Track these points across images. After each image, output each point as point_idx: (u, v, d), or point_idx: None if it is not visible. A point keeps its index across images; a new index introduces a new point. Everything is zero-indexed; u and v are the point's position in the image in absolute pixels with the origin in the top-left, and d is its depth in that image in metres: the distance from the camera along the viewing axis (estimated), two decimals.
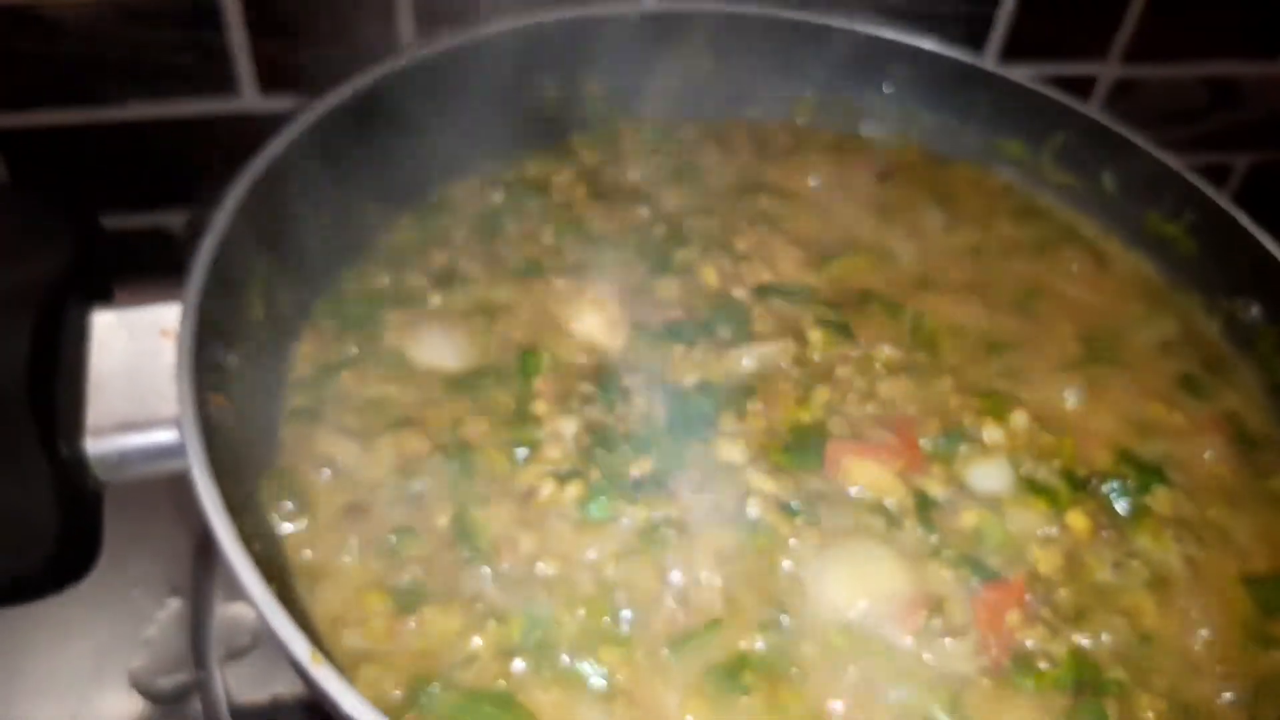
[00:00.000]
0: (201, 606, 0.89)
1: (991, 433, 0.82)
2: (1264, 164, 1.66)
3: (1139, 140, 0.99)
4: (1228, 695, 0.72)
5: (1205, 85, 1.52)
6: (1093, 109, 1.02)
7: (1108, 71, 1.46)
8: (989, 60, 1.35)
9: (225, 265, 0.72)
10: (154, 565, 0.92)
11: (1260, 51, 1.49)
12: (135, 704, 0.86)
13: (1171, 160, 0.97)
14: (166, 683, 0.87)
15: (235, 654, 0.87)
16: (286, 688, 0.85)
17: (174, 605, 0.91)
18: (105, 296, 0.72)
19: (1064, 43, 1.41)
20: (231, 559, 0.57)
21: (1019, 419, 0.83)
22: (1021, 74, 1.08)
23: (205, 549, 0.91)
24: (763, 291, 0.91)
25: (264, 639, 0.88)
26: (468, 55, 0.94)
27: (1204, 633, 0.74)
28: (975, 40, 1.36)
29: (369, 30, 1.16)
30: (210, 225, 0.73)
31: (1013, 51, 1.38)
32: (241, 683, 0.86)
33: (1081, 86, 1.47)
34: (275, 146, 0.79)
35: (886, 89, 1.08)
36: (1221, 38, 1.46)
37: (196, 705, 0.86)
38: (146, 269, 0.79)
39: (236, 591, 0.84)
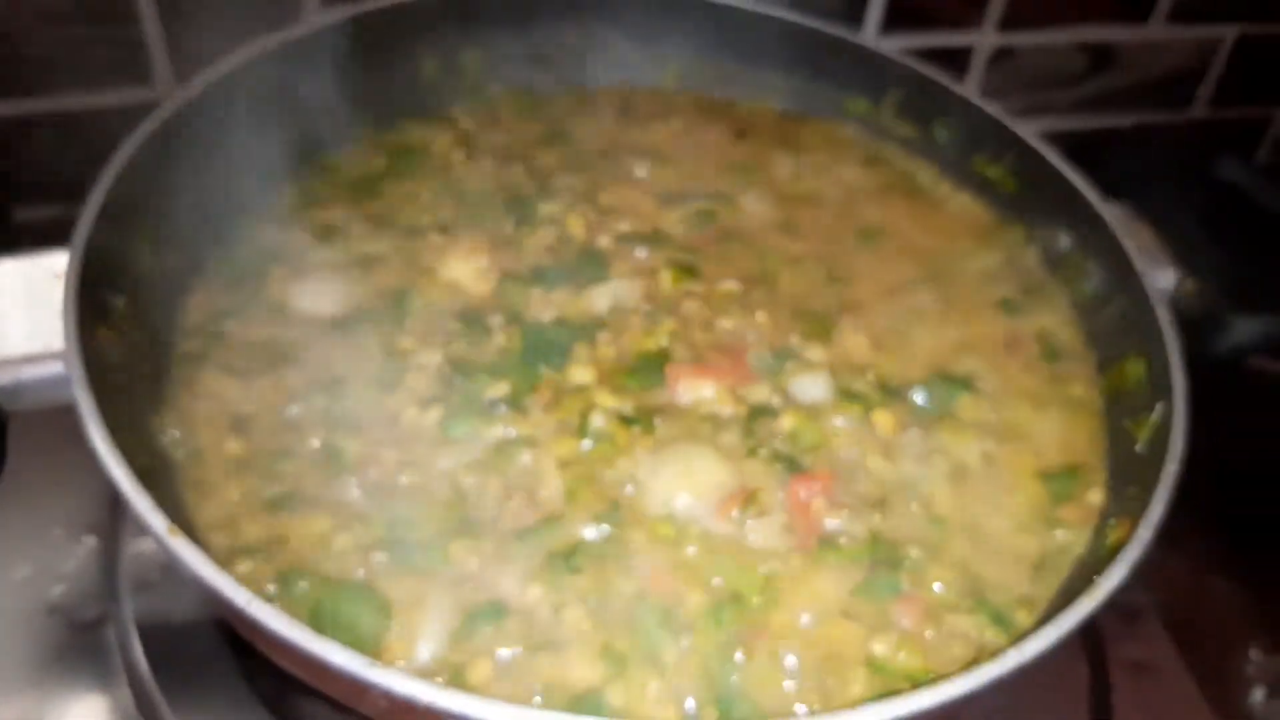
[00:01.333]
0: (115, 544, 0.97)
1: (814, 352, 0.91)
2: (1146, 125, 1.74)
3: (964, 93, 1.08)
4: (1013, 571, 0.81)
5: (1081, 50, 1.60)
6: (923, 66, 1.11)
7: (985, 40, 1.54)
8: (868, 33, 1.43)
9: (112, 218, 0.80)
10: (73, 507, 1.00)
11: (1133, 16, 1.57)
12: (54, 633, 0.94)
13: (991, 109, 1.06)
14: (84, 613, 0.95)
15: (144, 587, 0.95)
16: (189, 613, 0.93)
17: (90, 542, 0.99)
18: (8, 250, 0.80)
19: (941, 14, 1.49)
20: (100, 452, 0.66)
21: (842, 339, 0.92)
22: (897, 45, 1.17)
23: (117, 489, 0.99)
24: (623, 239, 1.00)
25: (170, 571, 0.96)
26: (347, 30, 1.02)
27: (995, 517, 0.83)
28: (854, 14, 1.44)
29: (275, 13, 1.23)
30: (96, 184, 0.81)
31: (892, 24, 1.46)
32: (150, 611, 0.94)
33: (960, 56, 1.55)
34: (159, 115, 0.87)
35: (745, 55, 1.16)
36: (1093, 3, 1.54)
37: (110, 633, 0.94)
38: None
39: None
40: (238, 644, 0.91)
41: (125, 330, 0.80)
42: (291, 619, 0.60)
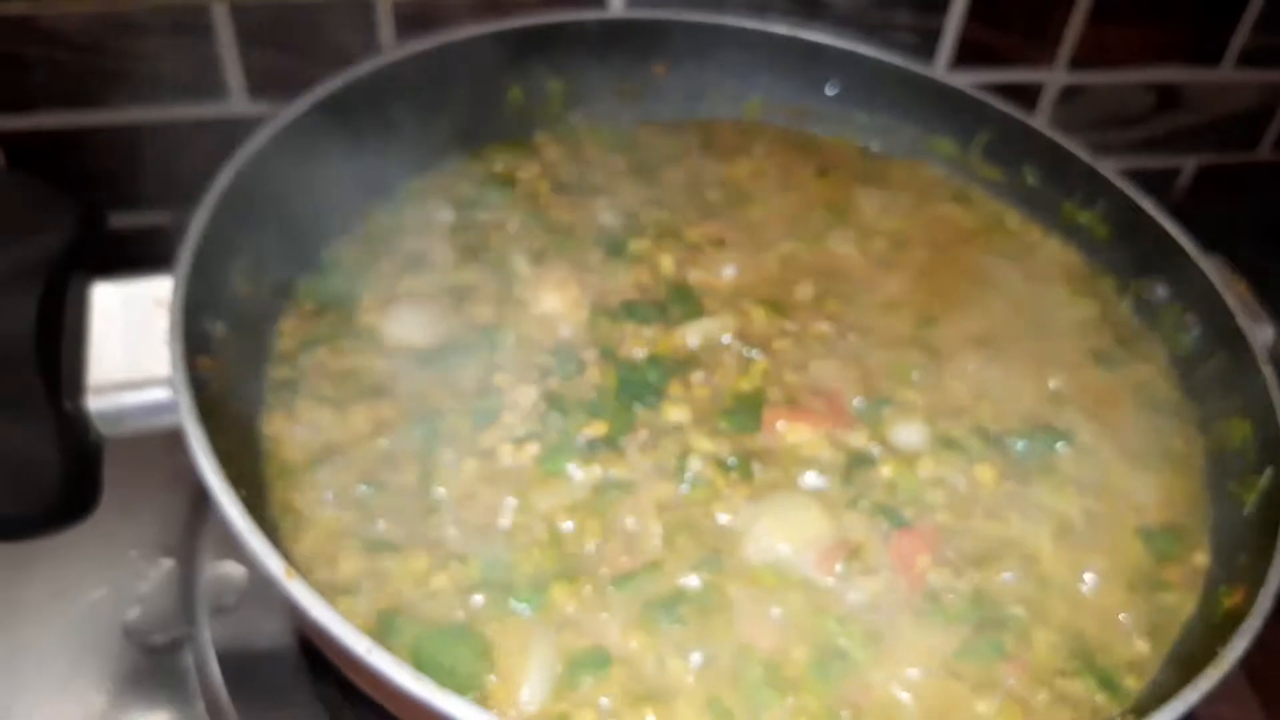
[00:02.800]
0: (192, 566, 0.96)
1: (912, 397, 0.89)
2: (1210, 167, 1.72)
3: (1056, 136, 1.07)
4: (1119, 633, 0.79)
5: (1150, 90, 1.59)
6: (1014, 108, 1.10)
7: (1054, 78, 1.53)
8: (938, 69, 1.43)
9: (210, 245, 0.79)
10: (149, 528, 0.99)
11: (1204, 58, 1.56)
12: (130, 656, 0.93)
13: (1087, 154, 1.05)
14: (159, 637, 0.94)
15: (223, 610, 0.94)
16: (269, 639, 0.92)
17: (167, 565, 0.98)
18: (105, 271, 0.79)
19: (1011, 51, 1.48)
20: (214, 492, 0.65)
21: (939, 385, 0.91)
22: (968, 81, 1.16)
23: (196, 513, 0.98)
24: (711, 275, 0.99)
25: (249, 595, 0.95)
26: (437, 58, 1.02)
27: (1097, 576, 0.82)
28: (926, 50, 1.43)
29: (351, 37, 1.23)
30: (197, 209, 0.80)
31: (962, 60, 1.45)
32: (228, 635, 0.93)
33: (1029, 93, 1.54)
34: (256, 141, 0.87)
35: (829, 91, 1.15)
36: (1164, 45, 1.53)
37: (188, 657, 0.93)
38: (137, 266, 0.86)
39: (226, 550, 0.93)
40: (317, 670, 0.90)
41: (223, 357, 0.80)
42: (414, 670, 0.59)
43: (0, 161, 1.24)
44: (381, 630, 0.72)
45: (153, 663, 0.93)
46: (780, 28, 1.13)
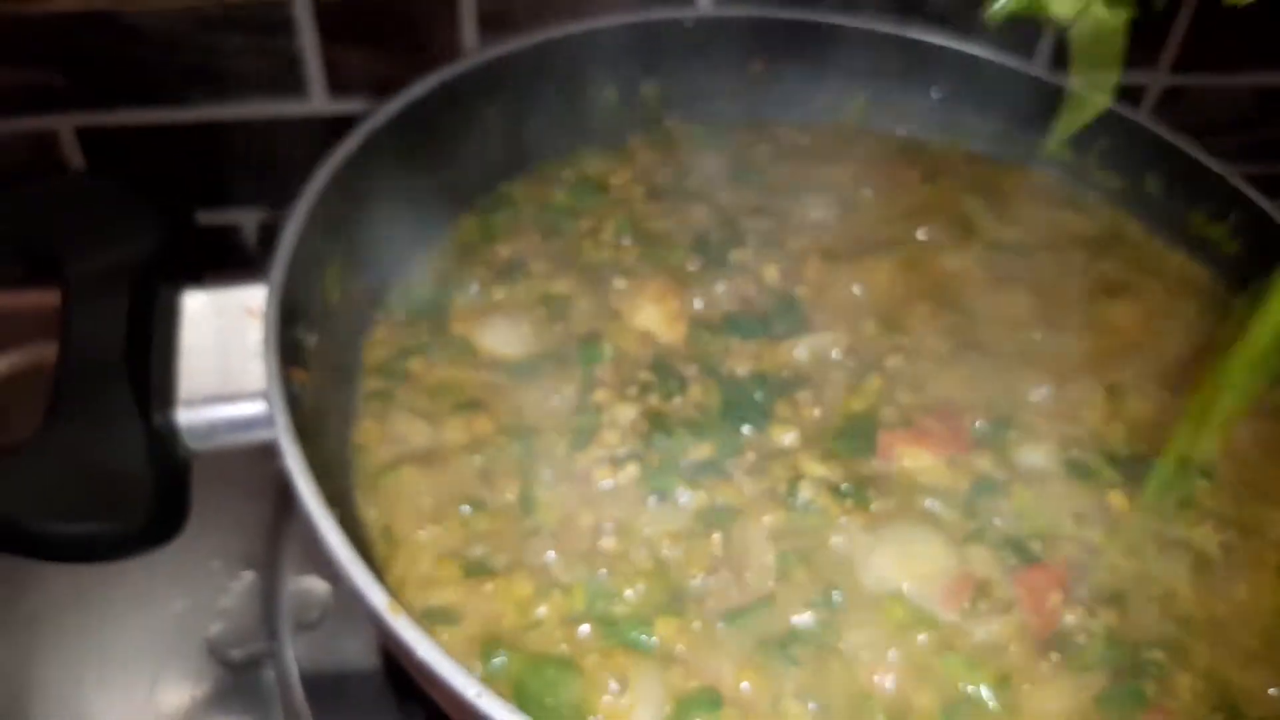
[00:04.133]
0: (275, 579, 0.93)
1: (1036, 419, 0.84)
2: None
3: (1182, 144, 1.01)
4: (1267, 680, 0.73)
5: (1254, 95, 1.52)
6: (1137, 114, 1.04)
7: (1157, 80, 1.47)
8: (1038, 67, 1.36)
9: (304, 252, 0.76)
10: (230, 540, 0.96)
11: None
12: (212, 671, 0.90)
13: (1215, 164, 0.99)
14: (240, 652, 0.91)
15: (306, 626, 0.91)
16: (355, 658, 0.89)
17: (248, 578, 0.95)
18: (195, 279, 0.76)
19: None
20: (314, 518, 0.61)
21: (1066, 409, 0.85)
22: (1066, 82, 1.10)
23: (280, 524, 0.95)
24: (815, 287, 0.94)
25: (332, 612, 0.92)
26: (528, 59, 0.98)
27: (1241, 618, 0.76)
28: (1024, 48, 1.37)
29: (434, 35, 1.20)
30: (290, 214, 0.77)
31: (1062, 59, 1.39)
32: (312, 653, 0.90)
33: (1131, 95, 1.48)
34: (350, 143, 0.83)
35: (935, 93, 1.10)
36: (1270, 48, 1.47)
37: (269, 674, 0.90)
38: (218, 265, 0.83)
39: (308, 563, 0.90)
40: (403, 690, 0.87)
41: (315, 369, 0.76)
42: (521, 713, 0.55)
43: (79, 161, 1.23)
44: (483, 663, 0.68)
45: (234, 679, 0.91)
46: (884, 25, 1.08)
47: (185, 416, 0.70)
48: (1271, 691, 0.73)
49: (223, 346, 0.73)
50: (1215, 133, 1.54)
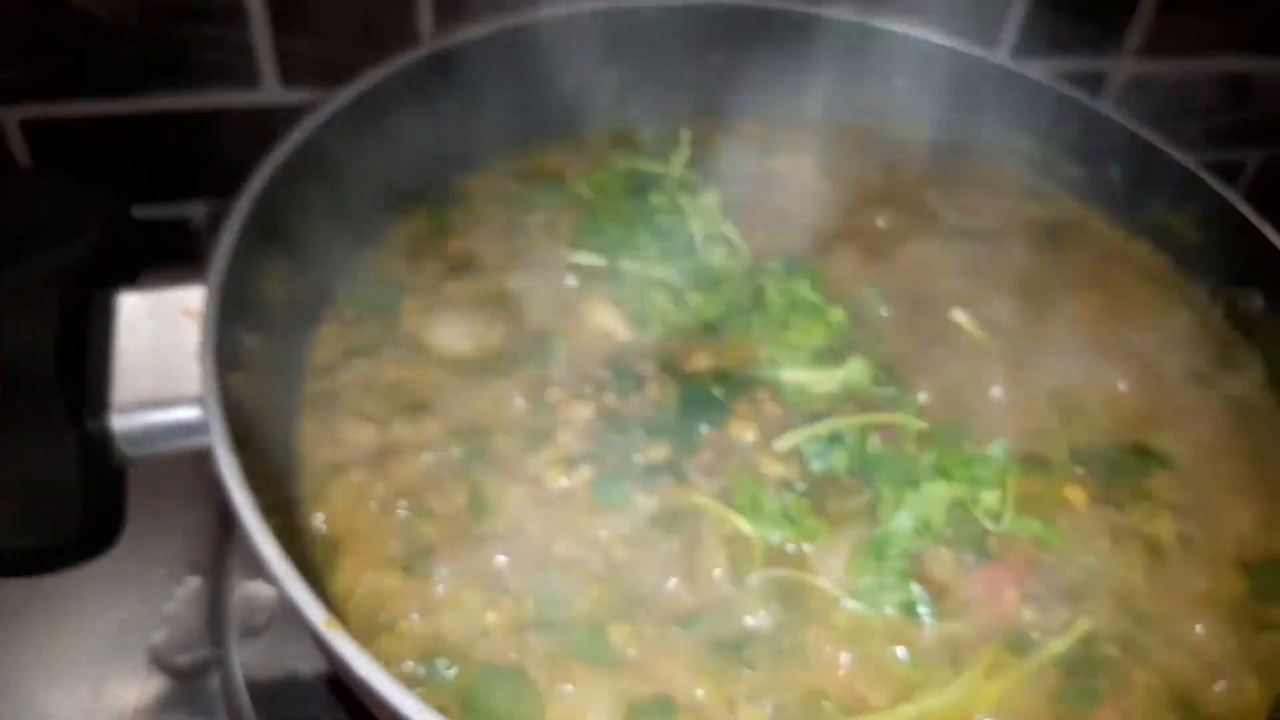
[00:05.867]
0: (220, 584, 0.91)
1: (993, 412, 0.83)
2: (1277, 160, 1.65)
3: (1144, 133, 0.99)
4: (1221, 675, 0.73)
5: (1217, 82, 1.52)
6: (1102, 104, 1.03)
7: (1120, 68, 1.47)
8: (1002, 56, 1.35)
9: (245, 250, 0.73)
10: (175, 545, 0.94)
11: (1273, 48, 1.49)
12: (155, 680, 0.88)
13: (1176, 153, 0.98)
14: (185, 659, 0.89)
15: (252, 632, 0.89)
16: (302, 664, 0.87)
17: (193, 583, 0.93)
18: (131, 279, 0.74)
19: (1076, 39, 1.42)
20: (250, 529, 0.59)
21: (1021, 400, 0.84)
22: (1034, 70, 1.09)
23: (225, 529, 0.93)
24: (774, 276, 0.92)
25: (280, 617, 0.89)
26: (481, 49, 0.95)
27: (1198, 614, 0.75)
28: (988, 37, 1.37)
29: (388, 24, 1.18)
30: (232, 211, 0.74)
31: (1025, 49, 1.39)
32: (258, 659, 0.88)
33: (1094, 82, 1.47)
34: (295, 136, 0.81)
35: (897, 83, 1.09)
36: (1234, 35, 1.46)
37: (215, 681, 0.88)
38: (168, 258, 0.81)
39: (254, 569, 0.87)
40: (351, 696, 0.85)
41: (255, 372, 0.74)
42: None
43: (25, 155, 1.19)
44: (426, 671, 0.67)
45: (179, 686, 0.88)
46: (846, 14, 1.06)
47: (120, 423, 0.68)
48: (1221, 684, 0.72)
49: (159, 349, 0.71)
50: (1179, 119, 1.53)
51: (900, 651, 0.71)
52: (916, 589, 0.72)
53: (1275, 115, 1.58)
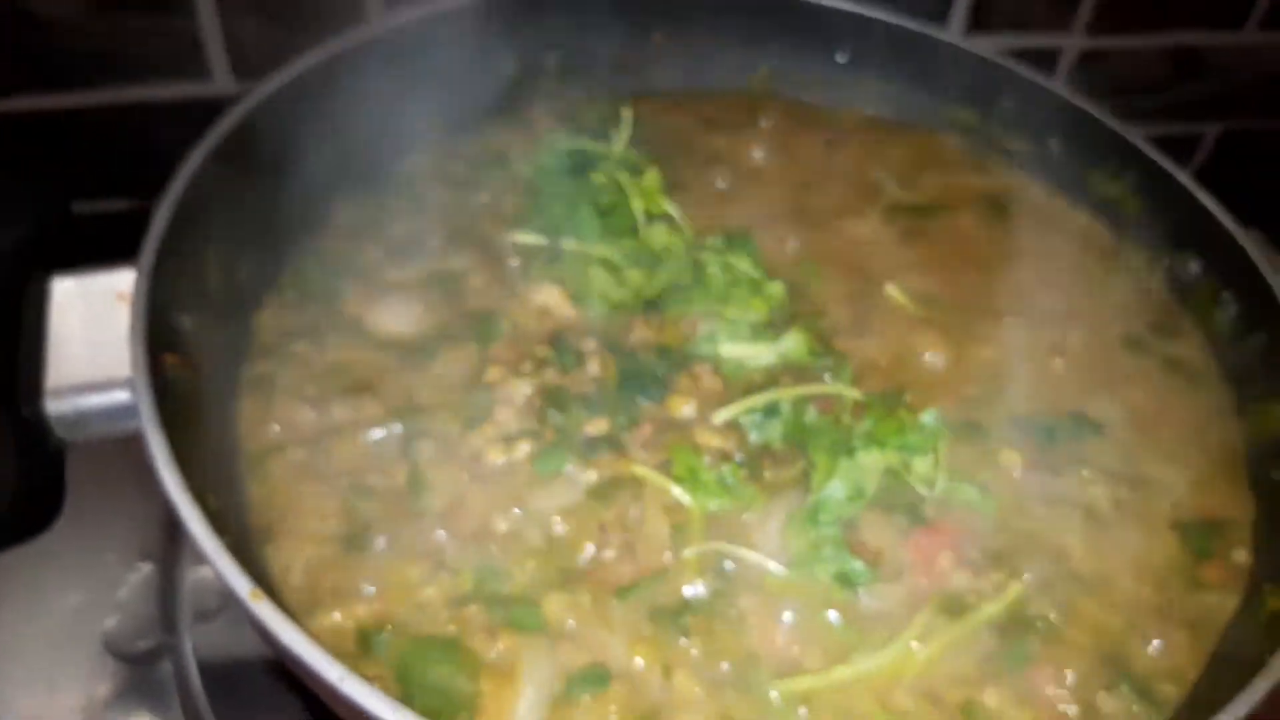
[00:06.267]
0: (171, 571, 0.91)
1: (930, 379, 0.84)
2: (1233, 133, 1.66)
3: (1082, 104, 1.00)
4: (1153, 635, 0.74)
5: (1170, 56, 1.53)
6: (1040, 76, 1.03)
7: (1072, 43, 1.47)
8: (954, 33, 1.36)
9: (180, 235, 0.74)
10: (127, 532, 0.94)
11: (1226, 22, 1.50)
12: (109, 665, 0.88)
13: (1114, 123, 0.99)
14: (138, 645, 0.90)
15: (203, 617, 0.89)
16: (252, 647, 0.87)
17: (145, 570, 0.93)
18: (67, 265, 0.74)
19: (1028, 15, 1.42)
20: (176, 505, 0.60)
21: (962, 369, 0.85)
22: (983, 47, 1.10)
23: (176, 516, 0.93)
24: (714, 251, 0.93)
25: (231, 601, 0.89)
26: (424, 30, 0.96)
27: (1131, 575, 0.76)
28: (939, 14, 1.37)
29: (338, 8, 1.17)
30: (165, 196, 0.75)
31: (978, 25, 1.39)
32: (209, 644, 0.88)
33: (1047, 58, 1.48)
34: (228, 122, 0.81)
35: (840, 59, 1.09)
36: (1185, 9, 1.47)
37: (167, 666, 0.88)
38: (124, 254, 0.81)
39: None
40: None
41: (192, 354, 0.74)
42: (390, 700, 0.54)
43: None
44: (364, 647, 0.67)
45: (132, 672, 0.89)
46: None
47: (54, 406, 0.69)
48: (1154, 645, 0.73)
49: (93, 333, 0.71)
50: (1135, 94, 1.55)
51: (834, 616, 0.72)
52: (850, 555, 0.73)
53: (1230, 88, 1.59)
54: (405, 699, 0.60)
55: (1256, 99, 1.62)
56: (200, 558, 0.90)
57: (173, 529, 0.93)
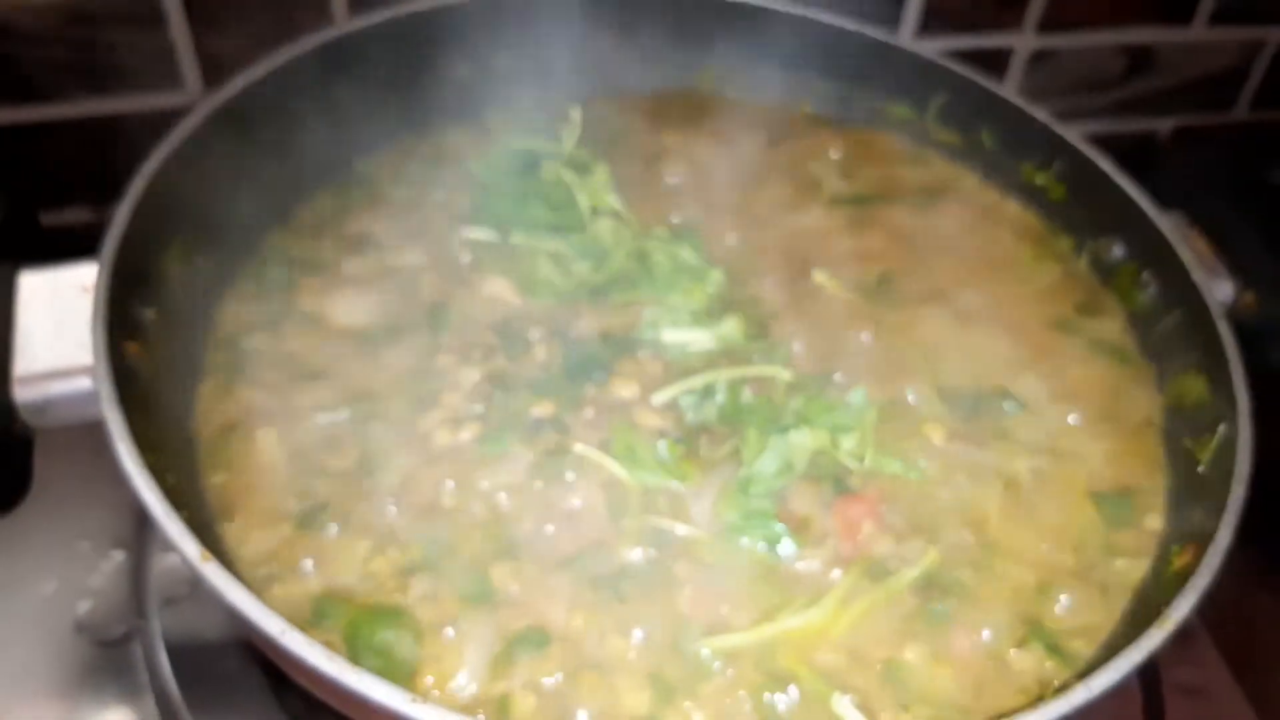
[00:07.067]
0: (142, 557, 0.95)
1: (861, 359, 0.88)
2: (1187, 128, 1.70)
3: (1011, 98, 1.05)
4: (1066, 596, 0.78)
5: (1122, 53, 1.57)
6: (969, 70, 1.08)
7: (1024, 43, 1.51)
8: (904, 36, 1.41)
9: (140, 229, 0.78)
10: (100, 520, 0.98)
11: (1174, 18, 1.54)
12: (81, 650, 0.92)
13: (1040, 114, 1.03)
14: (111, 629, 0.93)
15: (172, 601, 0.93)
16: (217, 630, 0.91)
17: (118, 557, 0.97)
18: (42, 262, 0.78)
19: (979, 16, 1.46)
20: (131, 478, 0.64)
21: (889, 348, 0.90)
22: (935, 48, 1.14)
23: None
24: (659, 240, 0.97)
25: (199, 587, 0.93)
26: (378, 35, 1.00)
27: (1049, 541, 0.80)
28: (891, 17, 1.41)
29: (305, 17, 1.21)
30: (126, 192, 0.79)
31: (928, 26, 1.43)
32: (177, 627, 0.92)
33: (999, 59, 1.52)
34: (185, 126, 0.85)
35: (782, 59, 1.14)
36: (1135, 5, 1.51)
37: (137, 649, 0.92)
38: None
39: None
40: (267, 662, 0.89)
41: (154, 344, 0.78)
42: (328, 651, 0.58)
43: None
44: (316, 616, 0.71)
45: (104, 657, 0.92)
46: None
47: (21, 394, 0.72)
48: (1064, 604, 0.77)
49: (58, 324, 0.75)
50: (1087, 91, 1.58)
51: (762, 580, 0.75)
52: (778, 524, 0.77)
53: (1182, 84, 1.63)
54: (352, 661, 0.63)
55: (1209, 94, 1.65)
56: (169, 543, 0.95)
57: (143, 516, 0.96)
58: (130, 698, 0.90)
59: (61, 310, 0.76)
